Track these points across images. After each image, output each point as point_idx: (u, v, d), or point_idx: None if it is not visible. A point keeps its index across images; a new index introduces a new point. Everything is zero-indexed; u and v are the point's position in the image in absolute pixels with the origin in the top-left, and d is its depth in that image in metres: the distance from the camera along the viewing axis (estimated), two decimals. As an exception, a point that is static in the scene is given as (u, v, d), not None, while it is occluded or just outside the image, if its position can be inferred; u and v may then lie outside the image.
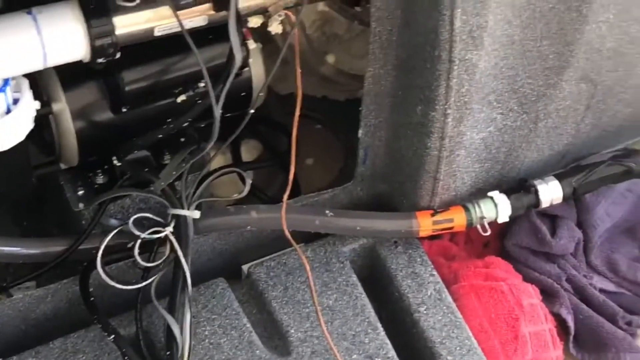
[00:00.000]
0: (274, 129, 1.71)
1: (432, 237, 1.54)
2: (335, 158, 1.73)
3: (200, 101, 1.35)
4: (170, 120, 1.37)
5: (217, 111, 1.22)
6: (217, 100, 1.21)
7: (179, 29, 1.19)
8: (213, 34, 1.31)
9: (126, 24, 1.21)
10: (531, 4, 1.30)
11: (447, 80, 1.29)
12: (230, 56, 1.21)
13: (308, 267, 1.37)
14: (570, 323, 1.53)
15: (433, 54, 1.27)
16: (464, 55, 1.26)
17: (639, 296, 1.59)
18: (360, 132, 1.45)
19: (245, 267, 1.49)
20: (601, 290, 1.58)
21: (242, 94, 1.47)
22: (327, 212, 1.43)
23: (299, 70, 1.30)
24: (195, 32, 1.22)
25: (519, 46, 1.34)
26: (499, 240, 1.63)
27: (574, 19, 1.36)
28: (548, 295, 1.54)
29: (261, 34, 1.42)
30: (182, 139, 1.44)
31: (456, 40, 1.24)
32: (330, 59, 1.63)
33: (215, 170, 1.47)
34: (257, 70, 1.46)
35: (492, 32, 1.27)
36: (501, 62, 1.34)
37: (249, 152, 1.70)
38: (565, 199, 1.54)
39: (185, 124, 1.37)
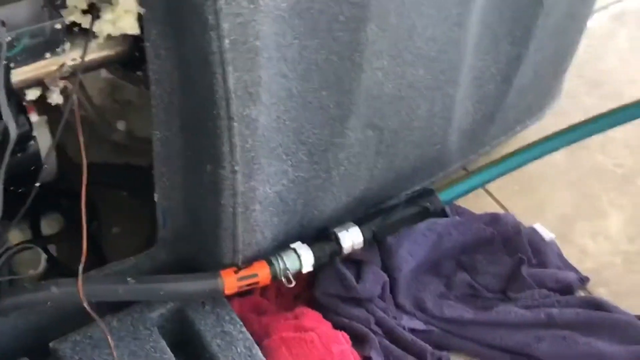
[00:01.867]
0: (75, 201, 1.68)
1: (242, 294, 1.54)
2: (142, 224, 1.71)
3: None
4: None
5: (-3, 188, 1.20)
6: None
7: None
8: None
9: None
10: (304, 57, 1.31)
11: (229, 138, 1.29)
12: (5, 132, 1.20)
13: (110, 338, 1.35)
14: (382, 365, 1.55)
15: (212, 112, 1.27)
16: (242, 111, 1.27)
17: (446, 332, 1.62)
18: (156, 195, 1.44)
19: (52, 344, 1.45)
20: (411, 330, 1.60)
21: (32, 167, 1.44)
22: (128, 279, 1.41)
23: (81, 139, 1.29)
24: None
25: (298, 98, 1.36)
26: (310, 291, 1.64)
27: (349, 69, 1.39)
28: (358, 340, 1.55)
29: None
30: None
31: (232, 97, 1.24)
32: (121, 125, 1.63)
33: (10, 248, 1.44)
34: (44, 143, 1.44)
35: (268, 87, 1.29)
36: (283, 115, 1.36)
37: (50, 226, 1.66)
38: (366, 243, 1.57)
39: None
